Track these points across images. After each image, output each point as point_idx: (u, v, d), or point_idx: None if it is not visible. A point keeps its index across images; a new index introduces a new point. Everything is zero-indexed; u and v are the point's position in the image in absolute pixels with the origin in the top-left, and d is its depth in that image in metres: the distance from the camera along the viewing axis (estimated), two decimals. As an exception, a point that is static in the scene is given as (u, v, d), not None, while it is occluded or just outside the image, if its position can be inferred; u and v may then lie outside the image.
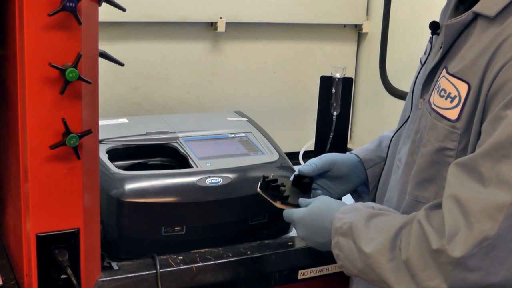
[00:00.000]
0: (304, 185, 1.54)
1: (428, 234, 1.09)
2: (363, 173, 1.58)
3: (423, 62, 1.38)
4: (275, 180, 1.49)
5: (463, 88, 1.16)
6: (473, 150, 1.13)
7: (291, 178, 1.56)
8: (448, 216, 1.08)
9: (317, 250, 1.63)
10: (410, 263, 1.12)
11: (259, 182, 1.51)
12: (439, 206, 1.13)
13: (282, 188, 1.47)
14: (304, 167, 1.55)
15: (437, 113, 1.21)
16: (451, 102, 1.18)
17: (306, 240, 1.40)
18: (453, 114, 1.18)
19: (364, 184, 1.61)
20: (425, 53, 1.39)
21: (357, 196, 1.63)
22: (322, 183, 1.57)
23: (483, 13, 1.16)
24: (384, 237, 1.17)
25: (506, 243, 1.04)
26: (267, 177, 1.50)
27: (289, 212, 1.43)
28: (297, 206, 1.44)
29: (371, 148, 1.61)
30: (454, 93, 1.18)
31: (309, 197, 1.49)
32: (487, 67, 1.12)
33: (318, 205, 1.38)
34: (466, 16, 1.19)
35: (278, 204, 1.47)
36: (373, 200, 1.52)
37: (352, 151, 1.62)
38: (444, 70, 1.22)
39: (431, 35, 1.35)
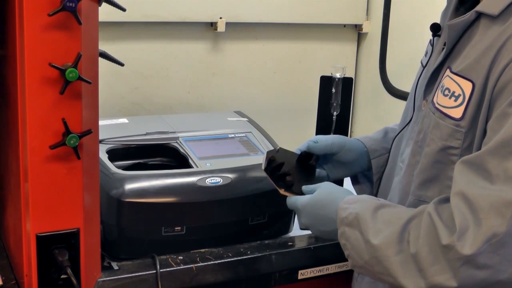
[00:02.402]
0: (309, 167, 1.52)
1: (438, 229, 1.09)
2: (366, 162, 1.58)
3: (424, 64, 1.38)
4: (281, 165, 1.47)
5: (467, 86, 1.16)
6: (478, 148, 1.13)
7: (296, 150, 1.53)
8: (456, 213, 1.08)
9: (317, 250, 1.63)
10: (419, 257, 1.11)
11: (265, 161, 1.48)
12: (448, 200, 1.13)
13: (288, 178, 1.46)
14: (315, 144, 1.52)
15: (441, 112, 1.21)
16: (455, 101, 1.18)
17: (310, 228, 1.38)
18: (457, 113, 1.18)
19: (363, 173, 1.60)
20: (425, 55, 1.39)
21: (358, 187, 1.62)
22: (325, 164, 1.56)
23: (486, 12, 1.16)
24: (392, 229, 1.17)
25: None
26: (273, 159, 1.47)
27: (293, 200, 1.42)
28: (301, 193, 1.43)
29: (377, 138, 1.60)
30: (458, 91, 1.18)
31: (313, 179, 1.49)
32: (491, 65, 1.12)
33: (323, 192, 1.37)
34: (469, 15, 1.19)
35: (282, 191, 1.46)
36: (376, 196, 1.51)
37: (358, 138, 1.61)
38: (448, 70, 1.22)
39: (432, 37, 1.35)
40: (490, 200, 1.04)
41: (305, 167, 1.51)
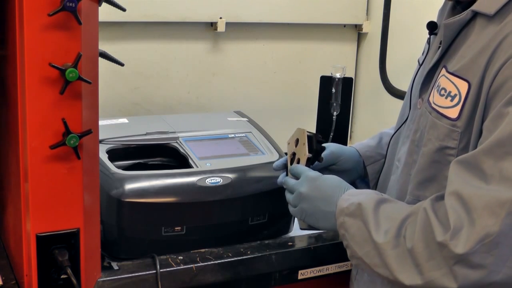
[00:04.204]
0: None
1: (433, 225, 1.10)
2: (362, 169, 1.59)
3: (421, 62, 1.38)
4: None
5: (463, 86, 1.16)
6: (474, 148, 1.13)
7: None
8: (451, 212, 1.08)
9: (317, 250, 1.63)
10: (414, 252, 1.12)
11: (306, 130, 1.50)
12: (444, 197, 1.13)
13: (322, 157, 1.48)
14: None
15: (437, 112, 1.21)
16: (451, 100, 1.18)
17: (305, 200, 1.37)
18: (453, 113, 1.18)
19: (360, 179, 1.61)
20: (423, 53, 1.40)
21: None
22: (322, 173, 1.56)
23: (482, 12, 1.16)
24: (391, 224, 1.18)
25: (509, 240, 1.04)
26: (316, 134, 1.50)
27: (305, 168, 1.43)
28: None
29: (371, 144, 1.61)
30: (454, 91, 1.18)
31: None
32: (487, 65, 1.12)
33: (333, 176, 1.39)
34: (465, 14, 1.19)
35: (308, 155, 1.46)
36: None
37: (353, 145, 1.62)
38: (444, 69, 1.22)
39: (428, 35, 1.35)
40: (485, 200, 1.05)
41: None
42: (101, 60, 1.30)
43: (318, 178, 1.39)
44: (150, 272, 1.46)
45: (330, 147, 1.57)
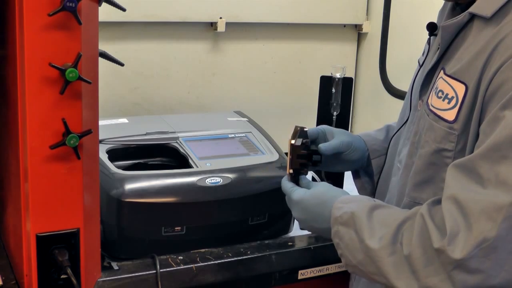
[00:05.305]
0: (314, 163, 1.50)
1: (430, 231, 1.09)
2: (366, 161, 1.58)
3: (421, 63, 1.38)
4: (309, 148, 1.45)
5: (460, 89, 1.16)
6: (471, 151, 1.12)
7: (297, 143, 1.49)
8: (448, 217, 1.07)
9: (317, 250, 1.63)
10: (412, 258, 1.11)
11: (295, 135, 1.43)
12: (441, 202, 1.12)
13: (304, 170, 1.42)
14: (325, 144, 1.50)
15: (435, 114, 1.21)
16: (448, 103, 1.18)
17: (301, 222, 1.38)
18: (450, 115, 1.18)
19: (364, 170, 1.60)
20: (423, 54, 1.39)
21: (359, 182, 1.62)
22: (327, 159, 1.54)
23: (479, 14, 1.16)
24: (386, 231, 1.16)
25: (506, 244, 1.03)
26: (306, 141, 1.44)
27: (287, 188, 1.40)
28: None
29: (379, 138, 1.59)
30: (451, 94, 1.18)
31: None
32: (484, 68, 1.12)
33: (320, 189, 1.35)
34: (463, 17, 1.19)
35: (290, 171, 1.41)
36: (374, 194, 1.52)
37: (360, 135, 1.59)
38: (442, 71, 1.22)
39: (428, 36, 1.35)
40: (482, 204, 1.04)
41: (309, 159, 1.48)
42: (101, 60, 1.30)
43: (302, 200, 1.35)
44: (150, 272, 1.46)
45: (341, 137, 1.54)
